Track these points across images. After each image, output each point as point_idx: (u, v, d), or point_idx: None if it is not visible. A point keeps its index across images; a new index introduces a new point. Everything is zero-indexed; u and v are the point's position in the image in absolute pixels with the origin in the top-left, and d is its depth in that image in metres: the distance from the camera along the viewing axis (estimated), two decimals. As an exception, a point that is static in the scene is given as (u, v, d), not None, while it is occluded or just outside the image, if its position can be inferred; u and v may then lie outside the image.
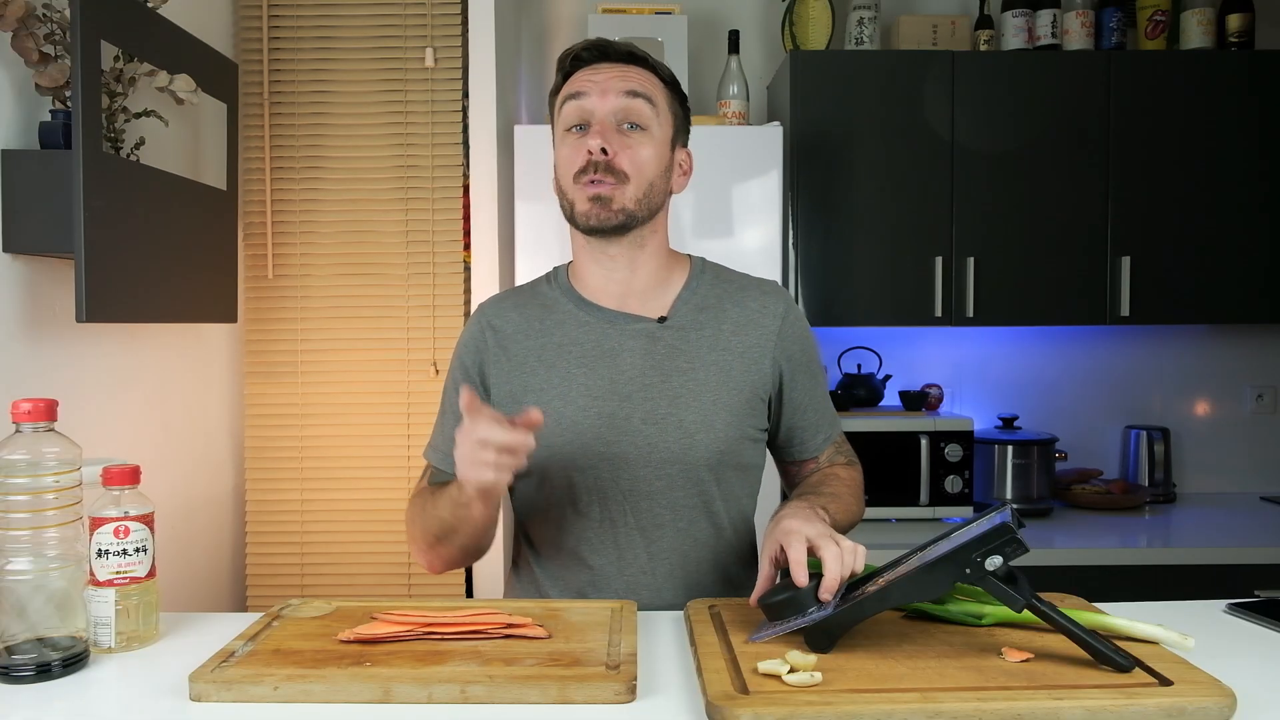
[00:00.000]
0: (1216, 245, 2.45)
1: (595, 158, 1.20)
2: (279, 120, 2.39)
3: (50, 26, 1.55)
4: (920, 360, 2.78)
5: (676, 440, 1.22)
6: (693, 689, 0.90)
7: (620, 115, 1.22)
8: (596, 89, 1.22)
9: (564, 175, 1.24)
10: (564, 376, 1.24)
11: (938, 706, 0.80)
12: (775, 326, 1.28)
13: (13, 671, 0.93)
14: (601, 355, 1.24)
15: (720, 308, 1.29)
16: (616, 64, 1.24)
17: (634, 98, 1.22)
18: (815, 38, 2.56)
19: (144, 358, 1.98)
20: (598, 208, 1.21)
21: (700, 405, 1.23)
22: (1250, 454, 2.80)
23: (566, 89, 1.25)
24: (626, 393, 1.23)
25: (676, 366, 1.24)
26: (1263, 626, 1.10)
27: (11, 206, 1.55)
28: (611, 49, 1.25)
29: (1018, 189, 2.44)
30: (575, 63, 1.26)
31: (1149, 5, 2.55)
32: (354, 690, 0.87)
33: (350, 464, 2.40)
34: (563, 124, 1.25)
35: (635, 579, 1.23)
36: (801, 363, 1.31)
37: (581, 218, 1.23)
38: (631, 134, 1.22)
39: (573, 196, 1.24)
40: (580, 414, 1.22)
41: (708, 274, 1.33)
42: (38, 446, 0.97)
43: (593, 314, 1.27)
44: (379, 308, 2.40)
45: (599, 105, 1.22)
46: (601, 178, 1.20)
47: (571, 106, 1.23)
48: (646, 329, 1.26)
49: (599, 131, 1.20)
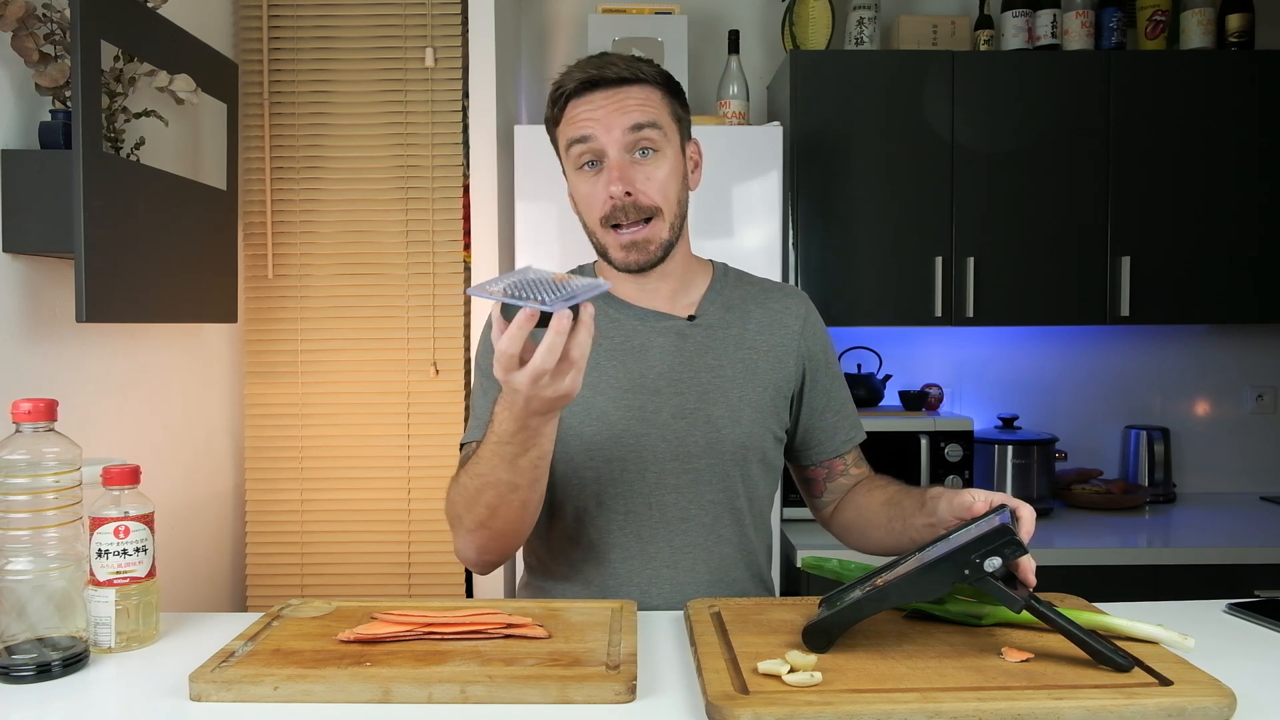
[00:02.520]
0: (1216, 245, 2.45)
1: (619, 203, 1.18)
2: (279, 120, 2.39)
3: (50, 26, 1.55)
4: (920, 360, 2.78)
5: (705, 435, 1.23)
6: (693, 689, 0.90)
7: (630, 144, 1.19)
8: (600, 125, 1.19)
9: (588, 215, 1.23)
10: (594, 368, 1.23)
11: (938, 706, 0.80)
12: (798, 327, 1.31)
13: (13, 671, 0.93)
14: (631, 350, 1.25)
15: (745, 308, 1.31)
16: (610, 89, 1.20)
17: (639, 130, 1.19)
18: (815, 38, 2.56)
19: (144, 358, 1.98)
20: (635, 253, 1.21)
21: (728, 401, 1.24)
22: (1250, 454, 2.80)
23: (568, 128, 1.21)
24: (656, 387, 1.23)
25: (705, 363, 1.25)
26: (1263, 626, 1.10)
27: (11, 206, 1.55)
28: (602, 78, 1.20)
29: (1018, 189, 2.44)
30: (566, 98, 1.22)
31: (1149, 5, 2.55)
32: (354, 690, 0.87)
33: (350, 464, 2.40)
34: (572, 162, 1.22)
35: (658, 572, 1.23)
36: (822, 364, 1.33)
37: (619, 264, 1.22)
38: (646, 161, 1.20)
39: (604, 241, 1.22)
40: (610, 405, 1.22)
41: (730, 277, 1.35)
42: (38, 446, 0.97)
43: (622, 311, 1.28)
44: (379, 308, 2.40)
45: (606, 141, 1.19)
46: (632, 222, 1.19)
47: (579, 149, 1.20)
48: (676, 326, 1.27)
49: (618, 177, 1.17)
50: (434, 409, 2.39)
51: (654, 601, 1.21)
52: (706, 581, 1.24)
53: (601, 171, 1.20)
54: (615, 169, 1.18)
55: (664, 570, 1.23)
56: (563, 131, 1.23)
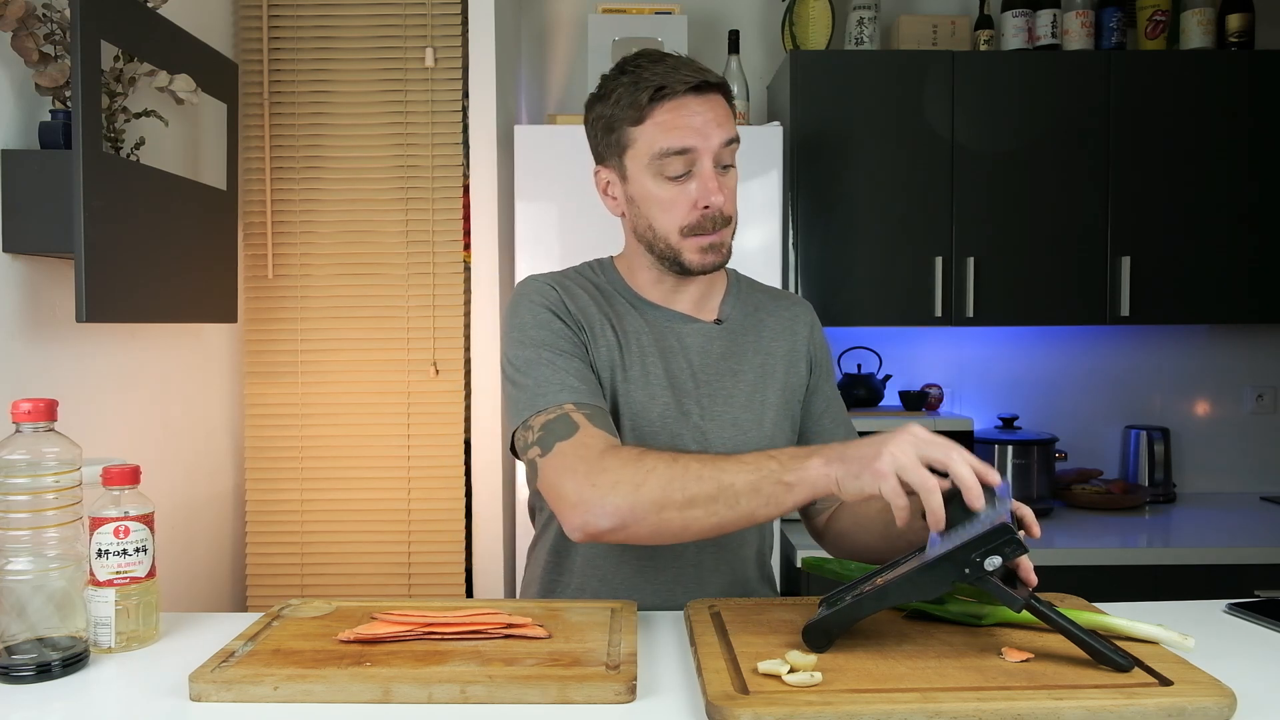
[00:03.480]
0: (1216, 245, 2.45)
1: (713, 213, 1.18)
2: (279, 120, 2.39)
3: (50, 26, 1.55)
4: (920, 360, 2.78)
5: (731, 435, 1.24)
6: (693, 689, 0.91)
7: (720, 158, 1.19)
8: (700, 137, 1.16)
9: (663, 224, 1.20)
10: (637, 360, 1.23)
11: (938, 706, 0.80)
12: (806, 334, 1.35)
13: (13, 671, 0.93)
14: (662, 350, 1.26)
15: (759, 315, 1.33)
16: (705, 95, 1.18)
17: (729, 145, 1.19)
18: (815, 38, 2.56)
19: (144, 358, 1.98)
20: (712, 256, 1.21)
21: (751, 403, 1.26)
22: (1250, 454, 2.80)
23: (661, 133, 1.17)
24: (685, 388, 1.24)
25: (729, 366, 1.27)
26: (1263, 626, 1.10)
27: (11, 206, 1.55)
28: (705, 81, 1.18)
29: (1018, 189, 2.44)
30: (663, 95, 1.16)
31: (1149, 5, 2.55)
32: (354, 690, 0.87)
33: (350, 464, 2.40)
34: (658, 168, 1.18)
35: (683, 571, 1.24)
36: (824, 371, 1.37)
37: (694, 266, 1.22)
38: (728, 173, 1.21)
39: (678, 247, 1.21)
40: (649, 400, 1.23)
41: (743, 284, 1.38)
42: (38, 446, 0.97)
43: (650, 311, 1.28)
44: (379, 308, 2.40)
45: (704, 151, 1.17)
46: (716, 229, 1.20)
47: (677, 159, 1.17)
48: (703, 329, 1.28)
49: (716, 188, 1.17)
50: (434, 409, 2.39)
51: (678, 599, 1.21)
52: (728, 581, 1.26)
53: (689, 180, 1.18)
54: (713, 180, 1.18)
55: (689, 569, 1.24)
56: (647, 133, 1.18)
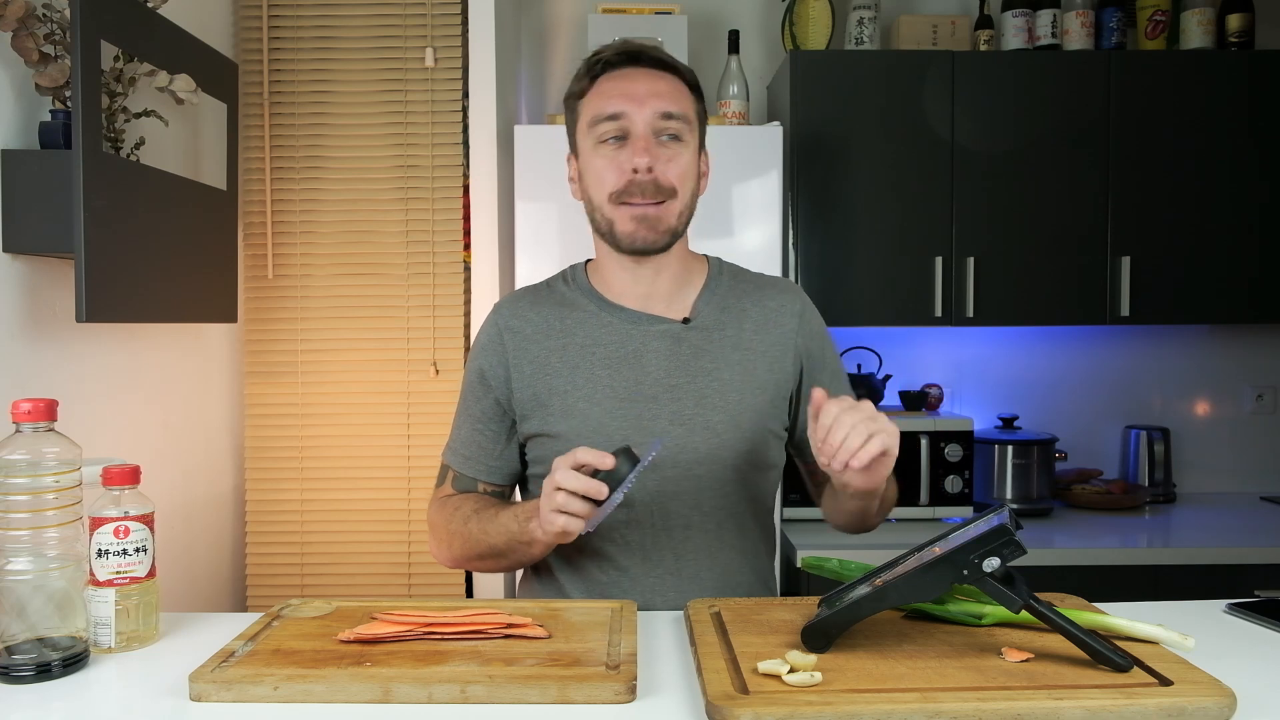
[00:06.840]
0: (1216, 245, 2.45)
1: (641, 177, 1.17)
2: (279, 120, 2.39)
3: (50, 26, 1.55)
4: (920, 360, 2.78)
5: (704, 441, 1.21)
6: (693, 689, 0.90)
7: (658, 129, 1.19)
8: (633, 103, 1.18)
9: (597, 192, 1.21)
10: (589, 378, 1.22)
11: (938, 706, 0.80)
12: (794, 325, 1.29)
13: (13, 671, 0.93)
14: (626, 357, 1.23)
15: (740, 308, 1.29)
16: (647, 69, 1.20)
17: (669, 119, 1.19)
18: (815, 38, 2.56)
19: (144, 358, 1.98)
20: (644, 229, 1.19)
21: (727, 405, 1.23)
22: (1250, 454, 2.80)
23: (598, 100, 1.20)
24: (653, 394, 1.22)
25: (701, 367, 1.23)
26: (1263, 626, 1.10)
27: (11, 206, 1.55)
28: (643, 54, 1.21)
29: (1018, 189, 2.44)
30: (604, 67, 1.21)
31: (1149, 5, 2.55)
32: (354, 690, 0.87)
33: (350, 464, 2.40)
34: (595, 136, 1.20)
35: (662, 579, 1.23)
36: (820, 359, 1.32)
37: (625, 239, 1.20)
38: (670, 145, 1.20)
39: (611, 216, 1.20)
40: (607, 416, 1.21)
41: (725, 274, 1.33)
42: (38, 446, 0.97)
43: (615, 315, 1.26)
44: (379, 308, 2.40)
45: (636, 119, 1.18)
46: (648, 199, 1.18)
47: (606, 125, 1.19)
48: (671, 330, 1.25)
49: (644, 149, 1.17)
50: (434, 409, 2.39)
51: (658, 608, 1.20)
52: (712, 588, 1.24)
53: (623, 148, 1.19)
54: (642, 141, 1.17)
55: (668, 578, 1.23)
56: (589, 104, 1.21)
